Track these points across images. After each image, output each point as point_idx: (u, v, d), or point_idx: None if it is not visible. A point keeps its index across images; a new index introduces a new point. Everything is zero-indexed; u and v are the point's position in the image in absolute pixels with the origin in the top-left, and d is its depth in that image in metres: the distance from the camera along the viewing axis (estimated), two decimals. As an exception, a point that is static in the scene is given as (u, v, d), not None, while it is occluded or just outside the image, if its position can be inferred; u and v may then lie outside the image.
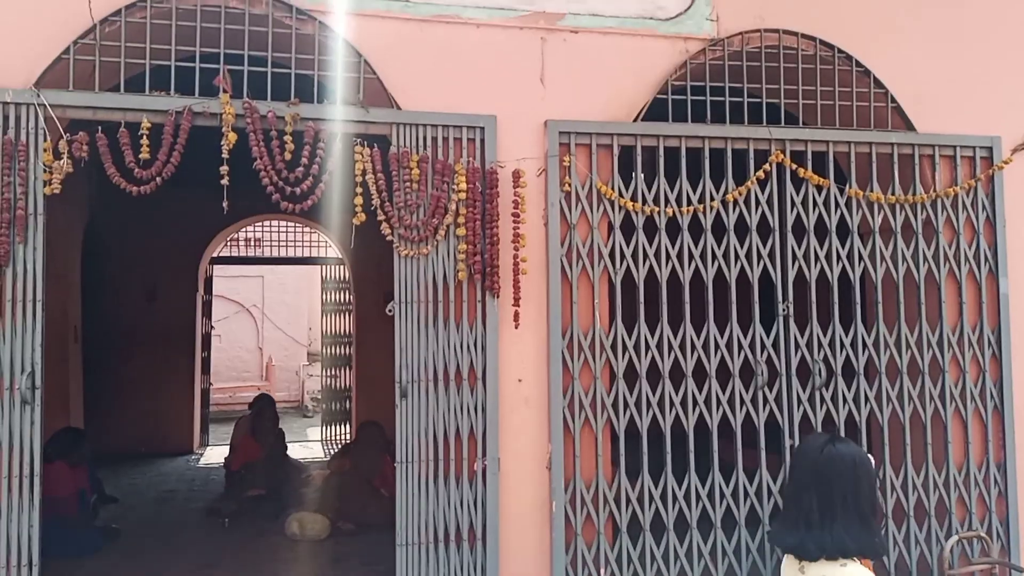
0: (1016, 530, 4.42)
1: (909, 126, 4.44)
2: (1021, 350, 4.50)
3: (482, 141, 3.91)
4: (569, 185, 4.03)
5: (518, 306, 3.90)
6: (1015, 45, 4.63)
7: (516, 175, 3.91)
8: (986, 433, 4.45)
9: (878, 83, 4.39)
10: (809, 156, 4.33)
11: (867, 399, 4.37)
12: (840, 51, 4.36)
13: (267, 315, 16.58)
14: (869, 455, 2.29)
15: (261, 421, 7.15)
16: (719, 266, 4.25)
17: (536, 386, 3.98)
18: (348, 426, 9.77)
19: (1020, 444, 4.46)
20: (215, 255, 10.56)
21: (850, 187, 4.38)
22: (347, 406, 9.91)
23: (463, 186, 3.84)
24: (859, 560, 2.11)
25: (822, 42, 4.34)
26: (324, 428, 10.18)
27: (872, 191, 4.38)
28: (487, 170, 3.88)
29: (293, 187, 3.67)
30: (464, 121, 3.89)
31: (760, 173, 4.26)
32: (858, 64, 4.37)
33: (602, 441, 4.04)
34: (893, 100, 4.41)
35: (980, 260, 4.50)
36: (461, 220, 3.84)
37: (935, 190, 4.45)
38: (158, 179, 3.56)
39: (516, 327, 3.92)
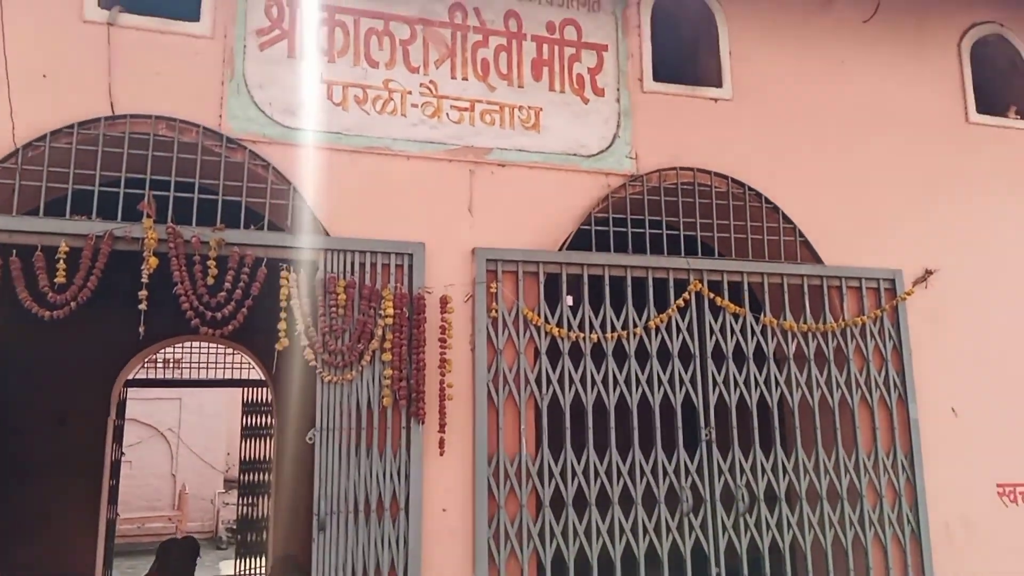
0: (941, 658, 4.42)
1: (817, 259, 4.68)
2: (931, 474, 4.62)
3: (410, 267, 3.96)
4: (496, 311, 4.08)
5: (443, 432, 3.86)
6: (913, 186, 4.97)
7: (443, 301, 3.95)
8: (905, 559, 4.50)
9: (787, 219, 4.65)
10: (725, 286, 4.51)
11: (790, 525, 4.40)
12: (751, 189, 4.62)
13: (183, 439, 15.91)
14: None
15: (167, 560, 6.73)
16: (643, 392, 4.31)
17: (461, 516, 3.90)
18: (264, 560, 9.28)
19: (938, 571, 4.52)
20: (130, 377, 10.18)
21: (764, 315, 4.55)
22: (264, 537, 9.45)
23: (390, 311, 3.85)
24: None
25: (734, 180, 4.60)
26: (239, 561, 9.65)
27: (785, 319, 4.56)
28: (415, 296, 3.92)
29: (215, 312, 3.62)
30: (393, 248, 3.95)
31: (680, 301, 4.40)
32: (767, 201, 4.63)
33: (528, 573, 3.93)
34: (801, 235, 4.67)
35: (890, 386, 4.68)
36: (387, 345, 3.84)
37: (844, 319, 4.65)
38: (72, 304, 3.48)
39: (441, 454, 3.87)
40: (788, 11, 4.90)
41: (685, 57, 4.87)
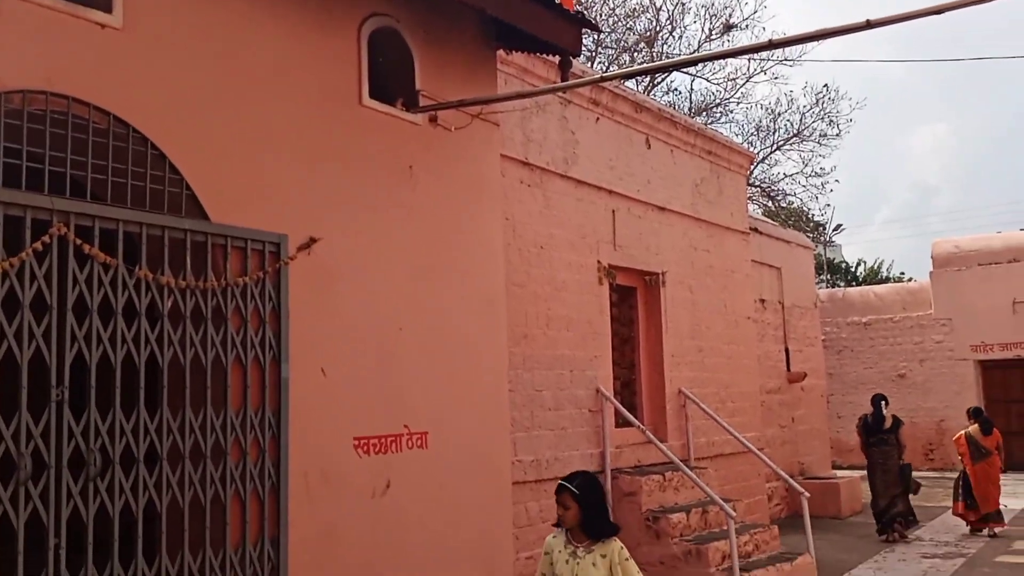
0: (286, 601, 4.72)
1: (203, 214, 4.56)
2: (296, 430, 4.89)
3: None
4: None
5: None
6: (306, 156, 5.15)
7: None
8: (262, 511, 4.69)
9: (174, 168, 4.43)
10: (97, 233, 4.12)
11: (146, 487, 4.23)
12: (136, 131, 4.29)
13: None
14: None
15: None
16: (-21, 346, 3.70)
17: None
18: None
19: (292, 518, 4.81)
20: None
21: (140, 269, 4.28)
22: None
23: None
24: None
25: (116, 118, 4.21)
26: None
27: (163, 275, 4.35)
28: None
29: None
30: None
31: (38, 245, 3.88)
32: (154, 147, 4.35)
33: None
34: (188, 187, 4.49)
35: (266, 347, 4.80)
36: None
37: (226, 279, 4.63)
38: None
39: None
40: (197, -49, 4.66)
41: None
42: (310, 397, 5.03)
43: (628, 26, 21.16)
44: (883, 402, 11.98)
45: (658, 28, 21.30)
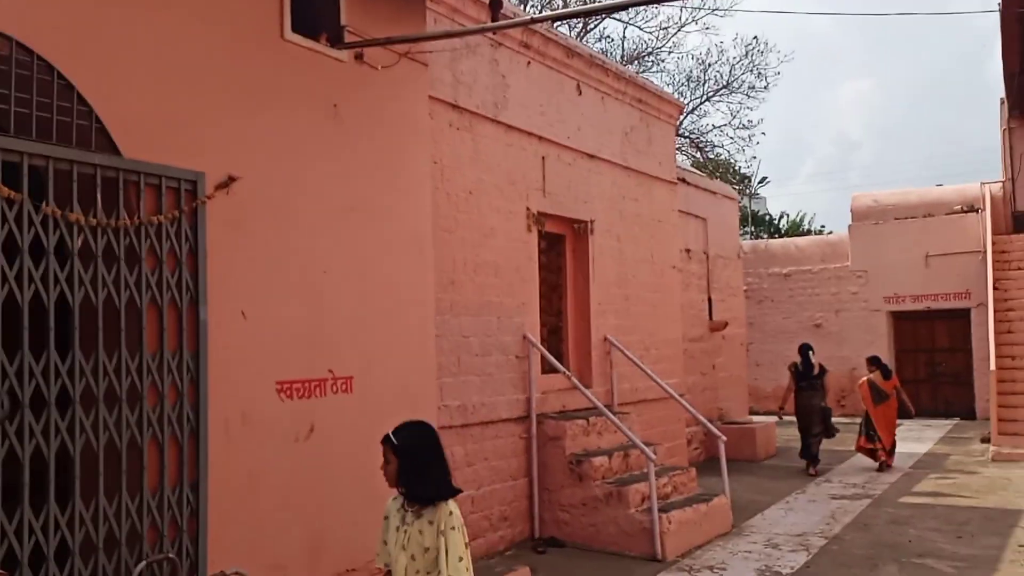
0: (205, 545, 4.66)
1: (115, 149, 4.37)
2: (216, 374, 4.79)
3: None
4: None
5: None
6: (224, 90, 4.97)
7: None
8: (181, 455, 4.60)
9: (82, 100, 4.21)
10: (0, 166, 3.90)
11: (58, 431, 4.10)
12: (41, 58, 4.05)
13: None
14: None
15: None
16: None
17: None
18: None
19: (212, 462, 4.74)
20: None
21: (47, 205, 4.08)
22: None
23: None
24: None
25: (19, 44, 3.97)
26: None
27: (72, 211, 4.16)
28: None
29: None
30: None
31: (-66, 177, 3.67)
32: (61, 76, 4.12)
33: None
34: (98, 120, 4.29)
35: (183, 288, 4.66)
36: None
37: (140, 217, 4.46)
38: None
39: None
40: None
41: None
42: (230, 340, 4.93)
43: (562, -30, 20.91)
44: (810, 351, 12.95)
45: (592, -26, 21.09)
